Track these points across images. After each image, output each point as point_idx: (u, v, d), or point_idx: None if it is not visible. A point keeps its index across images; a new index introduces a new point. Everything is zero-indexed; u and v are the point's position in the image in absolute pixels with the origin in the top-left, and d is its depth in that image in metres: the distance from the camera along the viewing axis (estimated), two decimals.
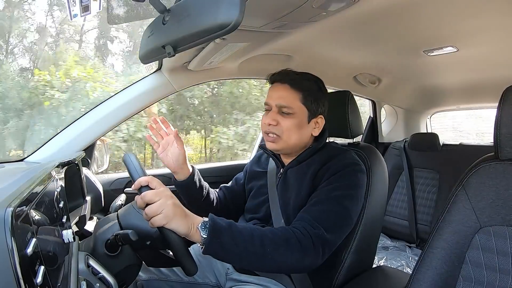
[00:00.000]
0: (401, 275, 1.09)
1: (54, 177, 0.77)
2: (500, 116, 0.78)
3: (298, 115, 0.95)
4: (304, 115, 0.96)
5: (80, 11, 0.72)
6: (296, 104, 0.95)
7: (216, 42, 1.02)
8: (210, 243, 0.70)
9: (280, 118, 0.95)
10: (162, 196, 0.70)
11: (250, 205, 1.09)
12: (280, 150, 1.00)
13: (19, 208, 0.45)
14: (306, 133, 0.98)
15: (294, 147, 0.98)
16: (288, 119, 0.95)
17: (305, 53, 1.37)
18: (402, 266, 1.96)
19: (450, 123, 3.70)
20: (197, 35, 0.60)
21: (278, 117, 0.96)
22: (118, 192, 1.39)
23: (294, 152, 1.01)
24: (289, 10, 0.84)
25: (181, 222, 0.69)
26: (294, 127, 0.95)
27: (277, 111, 0.96)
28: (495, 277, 0.74)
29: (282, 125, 0.95)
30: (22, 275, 0.40)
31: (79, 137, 1.19)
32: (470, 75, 1.82)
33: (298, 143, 0.98)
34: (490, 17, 1.00)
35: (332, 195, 0.87)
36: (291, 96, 0.95)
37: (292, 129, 0.95)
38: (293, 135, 0.96)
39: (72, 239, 0.69)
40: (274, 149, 0.99)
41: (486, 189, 0.79)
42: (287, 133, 0.95)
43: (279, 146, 0.97)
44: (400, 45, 1.32)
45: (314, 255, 0.78)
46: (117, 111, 1.24)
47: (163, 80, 1.30)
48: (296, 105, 0.95)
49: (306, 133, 0.98)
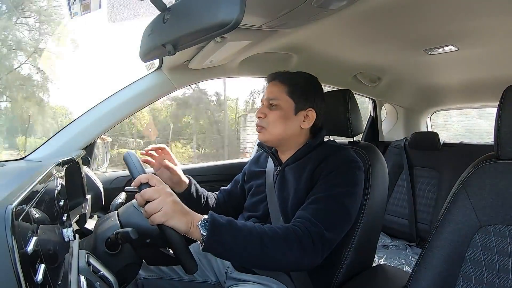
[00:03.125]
0: (401, 274, 1.09)
1: (54, 175, 0.77)
2: (500, 115, 0.78)
3: (283, 107, 1.00)
4: (290, 106, 1.00)
5: (81, 9, 0.72)
6: (282, 96, 1.00)
7: (217, 40, 1.02)
8: (209, 240, 0.70)
9: (267, 111, 1.01)
10: (162, 193, 0.70)
11: (249, 204, 1.10)
12: (267, 142, 1.04)
13: (20, 207, 0.45)
14: (292, 125, 1.01)
15: (281, 138, 1.01)
16: (274, 111, 1.00)
17: (306, 51, 1.37)
18: (402, 265, 1.97)
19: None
20: (197, 34, 0.60)
21: (266, 110, 1.02)
22: (119, 190, 1.39)
23: (286, 146, 1.03)
24: (289, 8, 0.84)
25: (181, 219, 0.69)
26: (279, 118, 1.00)
27: (266, 105, 1.02)
28: (495, 276, 0.74)
29: (269, 116, 1.01)
30: (23, 273, 0.40)
31: (79, 135, 1.19)
32: (471, 74, 1.82)
33: (284, 134, 1.01)
34: (491, 16, 1.00)
35: (330, 193, 0.87)
36: (278, 89, 1.01)
37: (277, 120, 1.00)
38: (278, 125, 1.00)
39: (73, 237, 0.69)
40: (262, 140, 1.04)
41: (486, 188, 0.79)
42: (272, 124, 1.00)
43: (265, 137, 1.02)
44: (400, 44, 1.32)
45: (313, 253, 0.78)
46: (118, 110, 1.24)
47: (164, 78, 1.30)
48: (282, 97, 1.00)
49: (293, 125, 1.01)
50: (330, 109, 1.14)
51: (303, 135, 1.03)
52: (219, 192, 1.22)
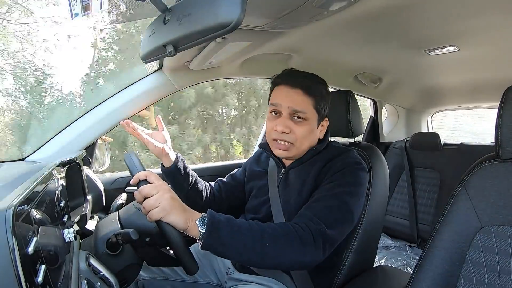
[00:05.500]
0: (402, 275, 1.09)
1: (55, 176, 0.77)
2: (501, 116, 0.78)
3: (310, 121, 0.93)
4: (315, 120, 0.95)
5: (81, 10, 0.72)
6: (309, 109, 0.92)
7: (217, 41, 1.02)
8: (208, 237, 0.69)
9: (293, 125, 0.92)
10: (160, 189, 0.70)
11: (251, 205, 1.08)
12: (292, 158, 0.98)
13: (20, 207, 0.45)
14: (315, 138, 0.98)
15: (303, 152, 0.98)
16: (301, 126, 0.92)
17: (306, 52, 1.37)
18: (403, 266, 1.97)
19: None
20: (198, 34, 0.60)
21: (291, 124, 0.92)
22: (119, 191, 1.39)
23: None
24: (290, 9, 0.84)
25: (179, 215, 0.69)
26: (307, 133, 0.93)
27: (288, 117, 0.93)
28: (496, 277, 0.74)
29: (296, 132, 0.92)
30: (23, 274, 0.40)
31: (80, 136, 1.19)
32: (471, 74, 1.82)
33: (307, 149, 0.97)
34: (492, 16, 1.00)
35: (333, 191, 0.87)
36: (305, 101, 0.92)
37: (305, 136, 0.93)
38: (306, 141, 0.94)
39: (73, 238, 0.70)
40: (285, 157, 0.97)
41: (487, 189, 0.79)
42: (300, 140, 0.93)
43: (292, 154, 0.95)
44: (401, 44, 1.32)
45: (314, 250, 0.77)
46: (118, 110, 1.24)
47: (164, 79, 1.30)
48: (309, 110, 0.92)
49: (315, 138, 0.98)
50: (331, 110, 1.14)
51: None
52: (215, 182, 1.19)
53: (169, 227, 0.68)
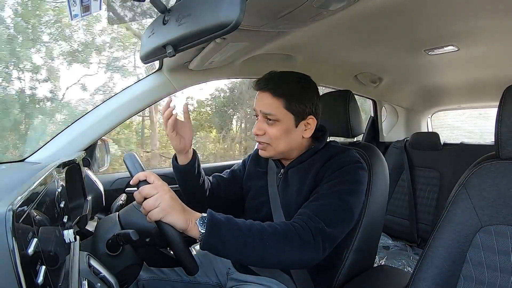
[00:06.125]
0: (402, 275, 1.09)
1: (55, 177, 0.77)
2: (501, 115, 0.78)
3: (283, 122, 0.94)
4: (290, 120, 0.94)
5: (81, 11, 0.72)
6: (280, 111, 0.93)
7: (217, 41, 1.02)
8: (208, 237, 0.70)
9: (266, 127, 0.95)
10: (160, 189, 0.70)
11: (251, 206, 1.08)
12: (272, 157, 1.00)
13: (20, 208, 0.45)
14: (295, 138, 0.97)
15: (285, 152, 0.98)
16: (274, 127, 0.94)
17: (306, 52, 1.37)
18: (403, 266, 1.96)
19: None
20: (197, 35, 0.60)
21: (265, 126, 0.95)
22: (119, 192, 1.39)
23: (291, 155, 1.00)
24: (289, 9, 0.84)
25: (179, 216, 0.69)
26: (281, 134, 0.94)
27: (263, 120, 0.96)
28: (496, 276, 0.74)
29: (269, 133, 0.95)
30: (23, 275, 0.40)
31: (80, 137, 1.19)
32: (471, 74, 1.82)
33: (288, 148, 0.97)
34: (491, 16, 1.00)
35: (332, 190, 0.87)
36: (274, 104, 0.93)
37: (279, 137, 0.95)
38: (281, 141, 0.95)
39: (73, 239, 0.70)
40: (265, 156, 1.00)
41: (487, 188, 0.79)
42: (275, 140, 0.95)
43: (269, 153, 0.98)
44: (401, 44, 1.32)
45: (314, 249, 0.77)
46: (118, 111, 1.24)
47: (164, 80, 1.30)
48: (280, 112, 0.93)
49: (296, 137, 0.97)
50: (330, 110, 1.13)
51: (306, 141, 1.00)
52: (213, 177, 1.17)
53: (169, 228, 0.68)
